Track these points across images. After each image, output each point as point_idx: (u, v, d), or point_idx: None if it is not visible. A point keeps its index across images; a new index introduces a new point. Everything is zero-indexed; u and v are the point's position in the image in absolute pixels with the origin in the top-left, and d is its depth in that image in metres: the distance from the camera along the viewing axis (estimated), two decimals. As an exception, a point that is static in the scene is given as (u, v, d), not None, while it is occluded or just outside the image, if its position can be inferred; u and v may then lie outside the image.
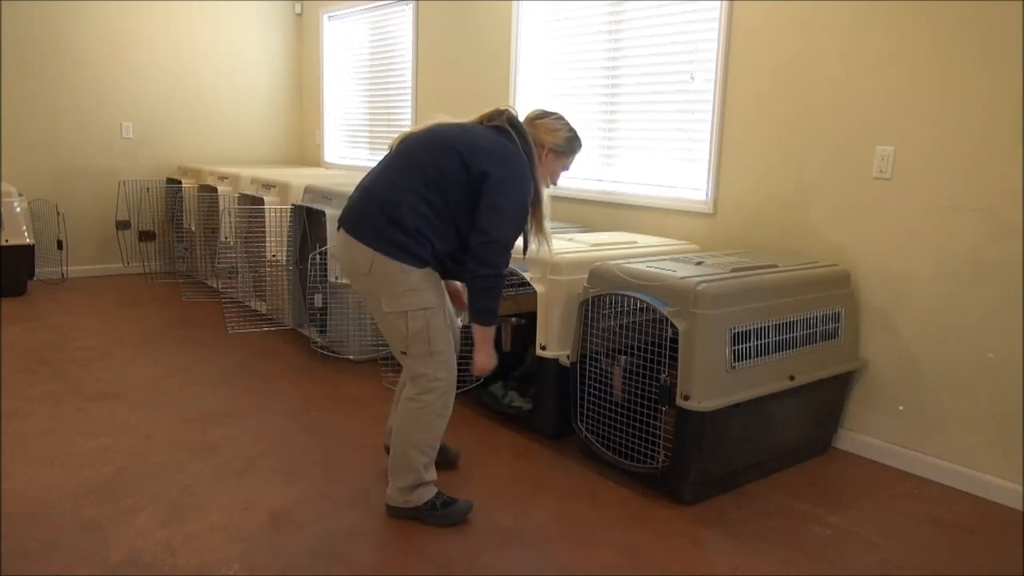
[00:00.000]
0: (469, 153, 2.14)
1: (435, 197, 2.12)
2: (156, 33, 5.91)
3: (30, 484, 2.52)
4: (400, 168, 2.17)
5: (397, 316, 2.18)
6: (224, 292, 5.19)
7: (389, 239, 2.11)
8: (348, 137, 6.26)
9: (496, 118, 2.27)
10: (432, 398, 2.27)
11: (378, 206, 2.13)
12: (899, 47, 2.82)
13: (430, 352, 2.23)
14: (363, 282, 2.20)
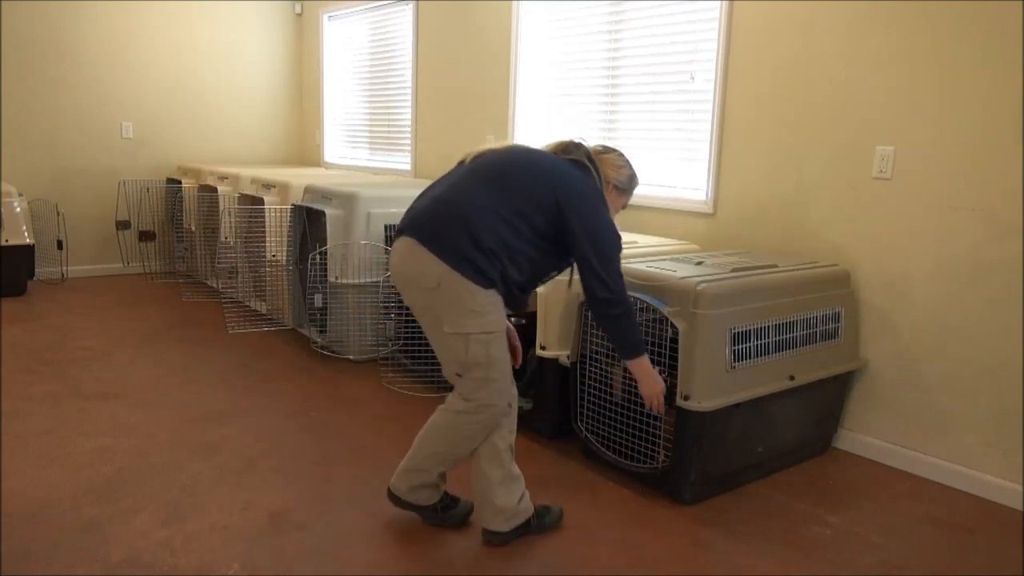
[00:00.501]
0: (563, 189, 2.04)
1: (518, 222, 2.02)
2: (156, 33, 5.91)
3: (30, 484, 2.52)
4: (484, 186, 2.05)
5: (458, 338, 2.04)
6: (224, 292, 5.19)
7: (464, 256, 1.98)
8: (348, 137, 6.26)
9: (574, 151, 2.19)
10: (477, 420, 2.14)
11: (458, 220, 2.00)
12: (899, 47, 2.82)
13: (487, 378, 2.10)
14: (425, 296, 2.05)
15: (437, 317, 2.06)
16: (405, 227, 2.09)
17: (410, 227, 2.07)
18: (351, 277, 3.86)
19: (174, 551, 2.16)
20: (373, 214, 3.89)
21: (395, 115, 5.64)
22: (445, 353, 2.12)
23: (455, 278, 1.98)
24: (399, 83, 5.54)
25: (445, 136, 5.09)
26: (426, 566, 2.14)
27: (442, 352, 2.13)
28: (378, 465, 2.77)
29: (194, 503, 2.44)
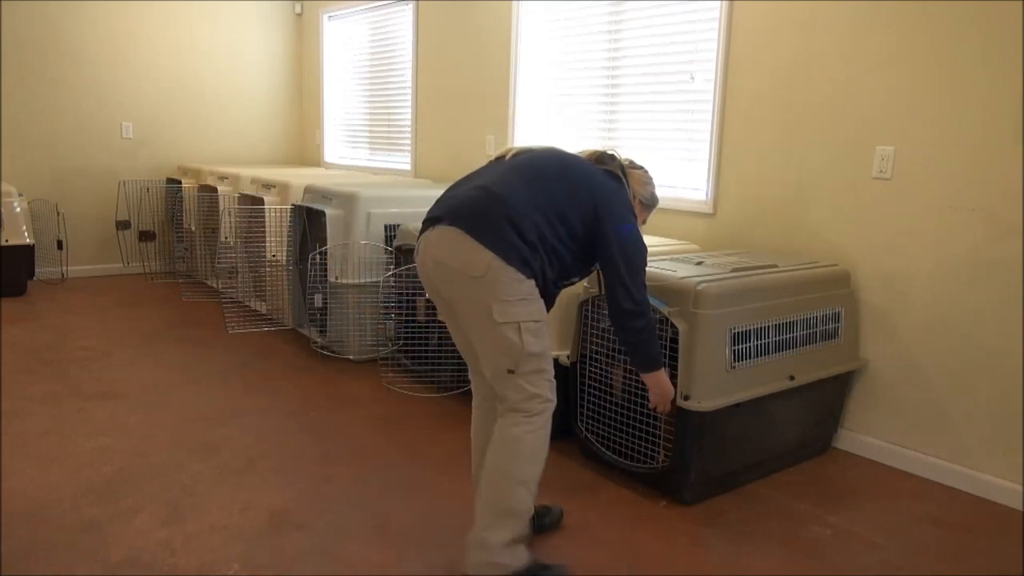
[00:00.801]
0: (601, 197, 2.03)
1: (557, 223, 1.98)
2: (156, 33, 5.91)
3: (30, 484, 2.52)
4: (527, 183, 2.00)
5: (511, 327, 1.93)
6: (224, 292, 5.19)
7: (510, 244, 1.91)
8: (348, 137, 6.26)
9: (608, 162, 2.16)
10: (542, 421, 2.01)
11: (503, 210, 1.93)
12: (899, 47, 2.82)
13: (541, 370, 2.00)
14: (470, 287, 1.94)
15: (486, 308, 1.93)
16: (443, 216, 2.00)
17: (450, 216, 1.98)
18: (351, 277, 3.86)
19: (174, 551, 2.16)
20: (373, 214, 3.89)
21: (395, 115, 5.64)
22: (496, 347, 1.97)
23: (502, 267, 1.91)
24: (399, 83, 5.54)
25: (445, 136, 5.09)
26: (426, 566, 2.14)
27: (491, 347, 1.97)
28: (378, 465, 2.77)
29: (194, 503, 2.44)
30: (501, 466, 1.98)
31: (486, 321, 1.94)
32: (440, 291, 2.03)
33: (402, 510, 2.45)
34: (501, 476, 1.97)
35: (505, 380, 1.99)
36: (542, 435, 2.01)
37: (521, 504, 1.96)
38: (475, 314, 1.96)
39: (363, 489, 2.58)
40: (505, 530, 1.96)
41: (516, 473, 1.96)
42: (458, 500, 2.53)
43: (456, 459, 2.84)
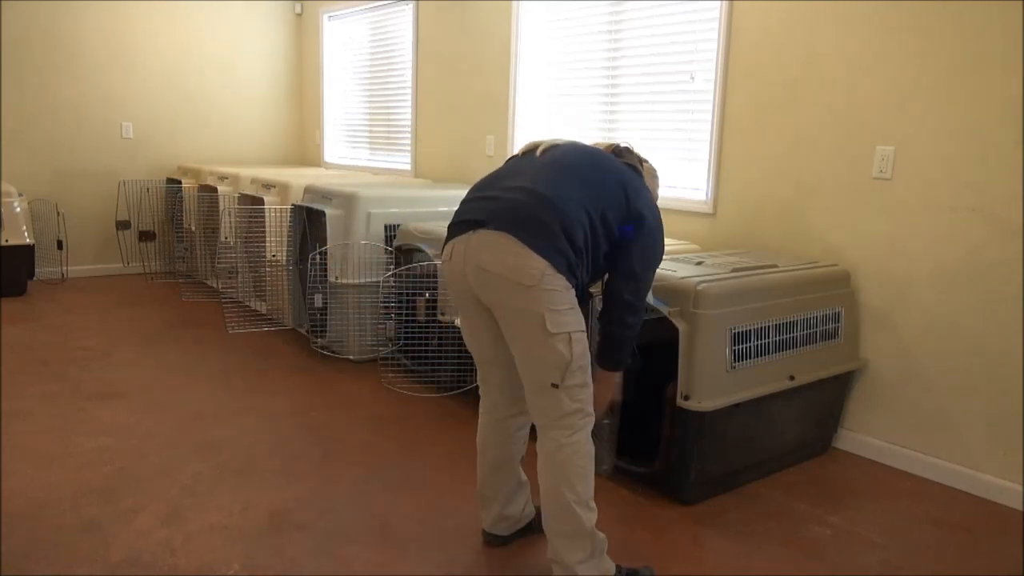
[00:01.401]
0: (632, 190, 1.96)
1: (599, 222, 1.90)
2: (156, 33, 5.91)
3: (30, 484, 2.52)
4: (570, 180, 1.91)
5: (561, 338, 1.84)
6: (224, 292, 5.19)
7: (561, 251, 1.83)
8: (348, 137, 6.26)
9: (626, 155, 2.10)
10: (583, 436, 1.93)
11: (554, 214, 1.84)
12: (899, 47, 2.82)
13: (585, 383, 1.92)
14: (517, 296, 1.83)
15: (537, 318, 1.83)
16: (487, 219, 1.88)
17: (496, 219, 1.86)
18: (351, 277, 3.86)
19: (174, 551, 2.16)
20: (373, 214, 3.89)
21: (395, 115, 5.64)
22: (544, 359, 1.87)
23: (555, 275, 1.82)
24: (399, 83, 5.54)
25: (445, 136, 5.09)
26: (426, 566, 2.14)
27: (539, 359, 1.88)
28: (378, 465, 2.77)
29: (194, 503, 2.44)
30: (556, 491, 1.92)
31: (537, 332, 1.84)
32: (480, 297, 1.93)
33: (402, 510, 2.45)
34: (559, 502, 1.91)
35: (546, 394, 1.90)
36: (587, 451, 1.93)
37: (586, 522, 1.92)
38: (524, 324, 1.86)
39: (363, 489, 2.58)
40: (580, 549, 1.93)
41: (572, 495, 1.91)
42: (458, 500, 2.53)
43: (456, 459, 2.84)
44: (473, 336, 2.08)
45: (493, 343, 2.04)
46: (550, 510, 1.94)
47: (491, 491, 2.19)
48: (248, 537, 2.25)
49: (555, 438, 1.92)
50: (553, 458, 1.92)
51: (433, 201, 4.16)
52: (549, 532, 1.96)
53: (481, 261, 1.87)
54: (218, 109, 6.31)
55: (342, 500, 2.50)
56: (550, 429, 1.93)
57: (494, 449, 2.16)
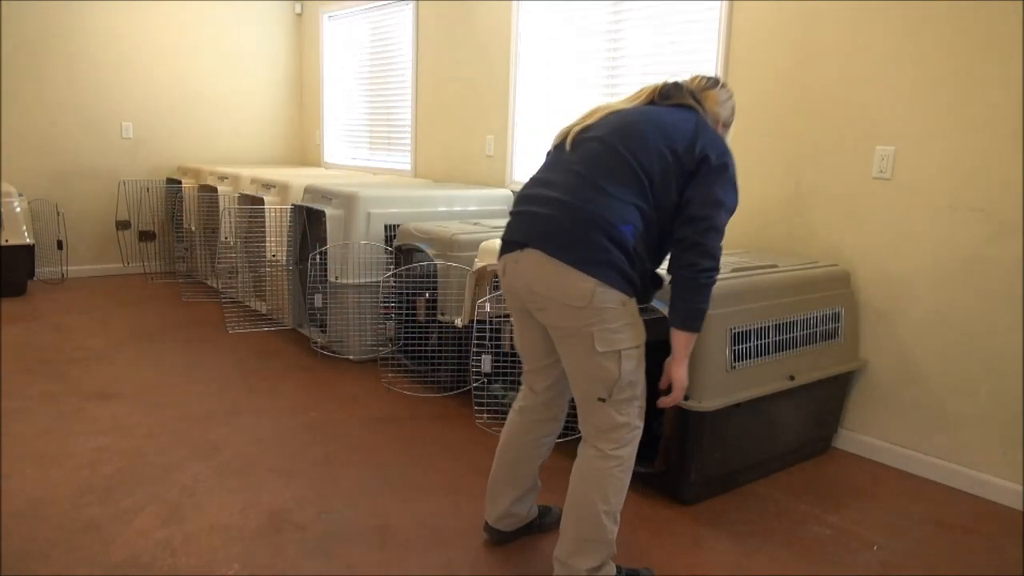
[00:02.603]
0: (682, 142, 1.80)
1: (648, 207, 1.79)
2: (156, 33, 5.91)
3: (30, 484, 2.52)
4: (607, 174, 1.78)
5: (611, 356, 1.79)
6: (224, 292, 5.19)
7: (611, 264, 1.74)
8: (348, 137, 6.26)
9: (675, 94, 1.92)
10: (629, 452, 1.90)
11: (596, 224, 1.74)
12: (899, 47, 2.82)
13: (634, 397, 1.87)
14: (568, 316, 1.78)
15: (587, 337, 1.78)
16: (525, 239, 1.82)
17: (533, 238, 1.80)
18: (351, 277, 3.86)
19: (174, 551, 2.16)
20: (373, 214, 3.89)
21: (395, 115, 5.64)
22: (591, 376, 1.84)
23: (607, 292, 1.75)
24: (399, 83, 5.54)
25: (445, 136, 5.09)
26: (426, 566, 2.14)
27: (587, 374, 1.85)
28: (378, 465, 2.77)
29: (194, 503, 2.44)
30: (588, 499, 1.90)
31: (586, 349, 1.81)
32: (534, 315, 1.89)
33: (402, 510, 2.45)
34: (588, 509, 1.90)
35: (594, 408, 1.87)
36: (628, 465, 1.91)
37: (608, 533, 1.91)
38: (573, 341, 1.82)
39: (363, 489, 2.58)
40: (593, 557, 1.92)
41: (604, 505, 1.89)
42: (458, 500, 2.53)
43: (456, 459, 2.84)
44: (525, 346, 2.07)
45: (544, 354, 2.03)
46: (576, 513, 1.92)
47: (504, 487, 2.18)
48: (248, 537, 2.25)
49: (600, 448, 1.90)
50: (592, 465, 1.90)
51: (433, 201, 4.16)
52: (566, 533, 1.95)
53: (529, 282, 1.83)
54: (218, 109, 6.31)
55: (342, 500, 2.50)
56: (596, 440, 1.91)
57: (518, 449, 2.15)
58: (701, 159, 1.81)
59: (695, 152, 1.81)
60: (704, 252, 1.79)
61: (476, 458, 2.86)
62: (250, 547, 2.20)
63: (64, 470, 2.63)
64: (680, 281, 1.83)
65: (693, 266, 1.79)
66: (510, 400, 3.25)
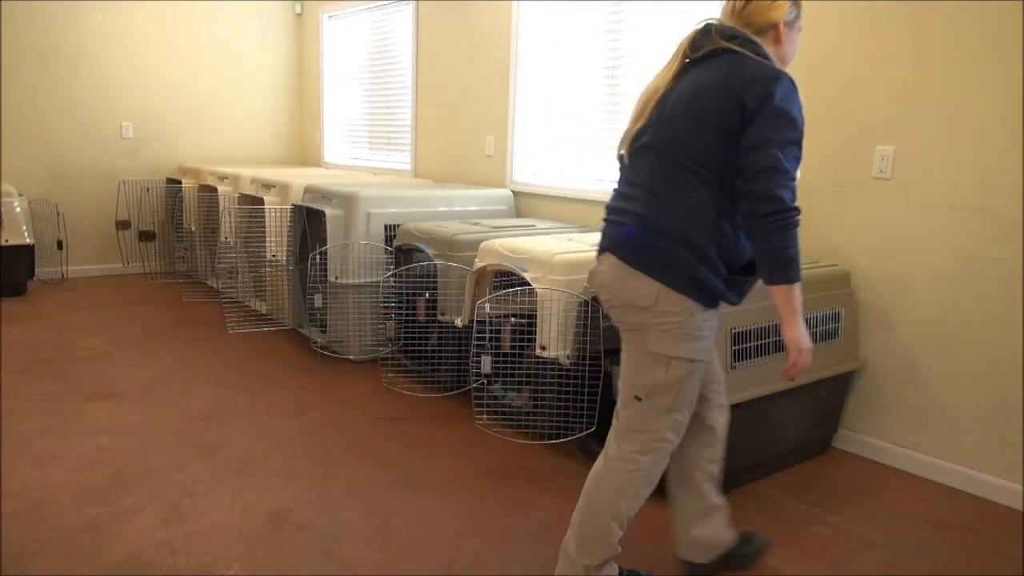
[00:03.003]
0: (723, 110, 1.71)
1: (720, 192, 1.75)
2: (156, 33, 5.91)
3: (30, 484, 2.52)
4: (668, 183, 1.78)
5: (659, 359, 1.80)
6: (224, 292, 5.19)
7: (679, 268, 1.75)
8: (348, 137, 6.26)
9: (704, 43, 1.81)
10: (650, 460, 1.88)
11: (664, 232, 1.76)
12: (899, 47, 2.82)
13: (670, 408, 1.85)
14: (638, 314, 1.81)
15: (643, 332, 1.81)
16: (606, 245, 1.88)
17: (611, 246, 1.86)
18: (351, 277, 3.86)
19: (174, 551, 2.16)
20: (373, 214, 3.89)
21: (395, 115, 5.64)
22: (636, 372, 1.86)
23: (672, 296, 1.76)
24: (399, 83, 5.54)
25: (445, 136, 5.10)
26: (426, 566, 2.14)
27: (633, 370, 1.87)
28: (378, 465, 2.77)
29: (194, 503, 2.44)
30: (599, 498, 1.90)
31: (640, 346, 1.83)
32: (614, 314, 1.91)
33: (402, 510, 2.45)
34: (596, 509, 1.90)
35: (630, 404, 1.88)
36: (648, 475, 1.89)
37: (611, 536, 1.90)
38: (633, 337, 1.86)
39: (363, 489, 2.58)
40: (595, 556, 1.91)
41: (612, 508, 1.89)
42: (458, 500, 2.53)
43: (456, 459, 2.84)
44: None
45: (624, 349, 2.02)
46: (584, 510, 1.92)
47: (676, 510, 2.10)
48: (248, 537, 2.25)
49: (623, 447, 1.89)
50: (611, 465, 1.90)
51: (433, 201, 4.17)
52: (574, 525, 1.94)
53: (605, 283, 1.88)
54: (218, 109, 6.31)
55: (342, 500, 2.50)
56: (622, 437, 1.90)
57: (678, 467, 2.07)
58: (743, 110, 1.71)
59: (734, 109, 1.71)
60: (759, 197, 1.69)
61: (476, 458, 2.86)
62: (250, 547, 2.20)
63: (64, 470, 2.63)
64: (750, 236, 1.75)
65: (752, 215, 1.70)
66: (510, 400, 3.25)
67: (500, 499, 2.55)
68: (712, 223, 1.74)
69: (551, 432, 2.99)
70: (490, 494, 2.58)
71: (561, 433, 2.97)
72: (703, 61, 1.81)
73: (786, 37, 1.90)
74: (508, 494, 2.58)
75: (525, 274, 2.99)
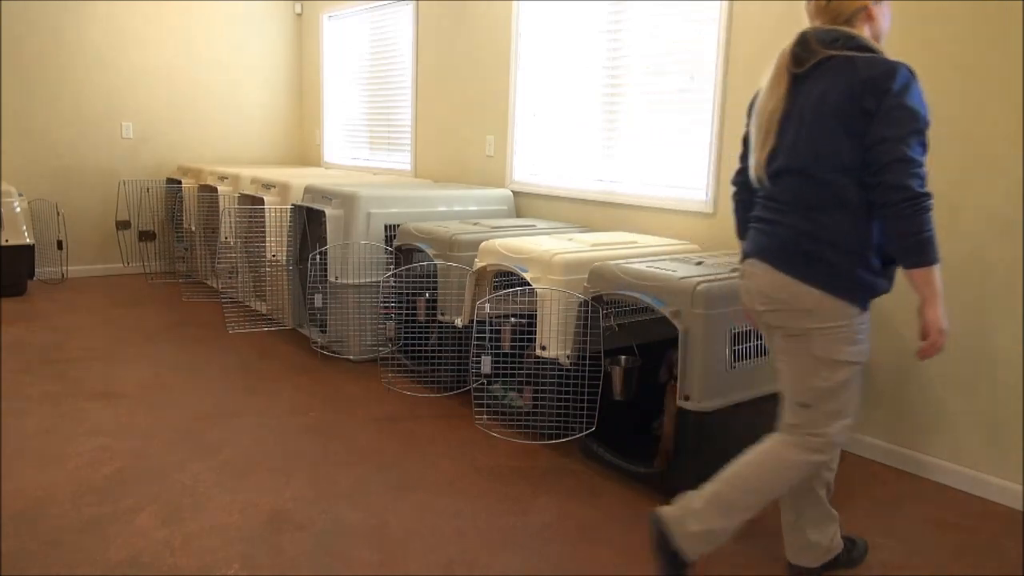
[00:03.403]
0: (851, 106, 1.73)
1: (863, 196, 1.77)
2: (156, 33, 5.92)
3: (30, 484, 2.52)
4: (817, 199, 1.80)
5: (823, 362, 1.82)
6: (224, 292, 5.19)
7: (840, 274, 1.78)
8: (348, 137, 6.26)
9: (806, 56, 1.84)
10: (818, 461, 1.89)
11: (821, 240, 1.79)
12: (898, 47, 2.82)
13: (840, 412, 1.86)
14: (801, 320, 1.83)
15: (810, 339, 1.83)
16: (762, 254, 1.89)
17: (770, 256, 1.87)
18: (351, 277, 3.86)
19: (174, 551, 2.16)
20: (373, 214, 3.89)
21: (395, 115, 5.64)
22: (801, 376, 1.87)
23: (833, 302, 1.79)
24: (399, 83, 5.54)
25: (445, 136, 5.10)
26: (426, 566, 2.14)
27: (797, 376, 1.88)
28: (378, 465, 2.77)
29: (194, 503, 2.44)
30: (748, 483, 1.91)
31: (805, 351, 1.85)
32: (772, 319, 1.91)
33: (402, 510, 2.45)
34: (741, 493, 1.91)
35: (795, 409, 1.90)
36: (802, 475, 1.91)
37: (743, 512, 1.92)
38: (797, 342, 1.86)
39: (363, 489, 2.58)
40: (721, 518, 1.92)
41: (754, 499, 1.91)
42: (458, 500, 2.53)
43: (456, 459, 2.84)
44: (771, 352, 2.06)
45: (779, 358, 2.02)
46: (728, 484, 1.92)
47: (793, 514, 2.08)
48: (248, 537, 2.25)
49: (787, 445, 1.90)
50: (773, 454, 1.91)
51: (433, 201, 4.17)
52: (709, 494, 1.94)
53: (762, 287, 1.89)
54: (218, 109, 6.31)
55: (342, 500, 2.50)
56: (788, 437, 1.91)
57: None
58: (866, 114, 1.73)
59: (858, 115, 1.73)
60: (889, 187, 1.70)
61: (476, 458, 2.86)
62: (250, 547, 2.20)
63: (64, 470, 2.63)
64: (885, 225, 1.76)
65: (885, 205, 1.72)
66: (510, 400, 3.25)
67: (500, 499, 2.55)
68: (863, 224, 1.78)
69: (551, 432, 2.99)
70: (490, 494, 2.58)
71: (561, 433, 2.97)
72: (811, 74, 1.83)
73: (877, 12, 1.88)
74: (508, 494, 2.58)
75: (525, 274, 2.99)
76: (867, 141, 1.73)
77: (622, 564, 2.18)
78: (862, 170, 1.75)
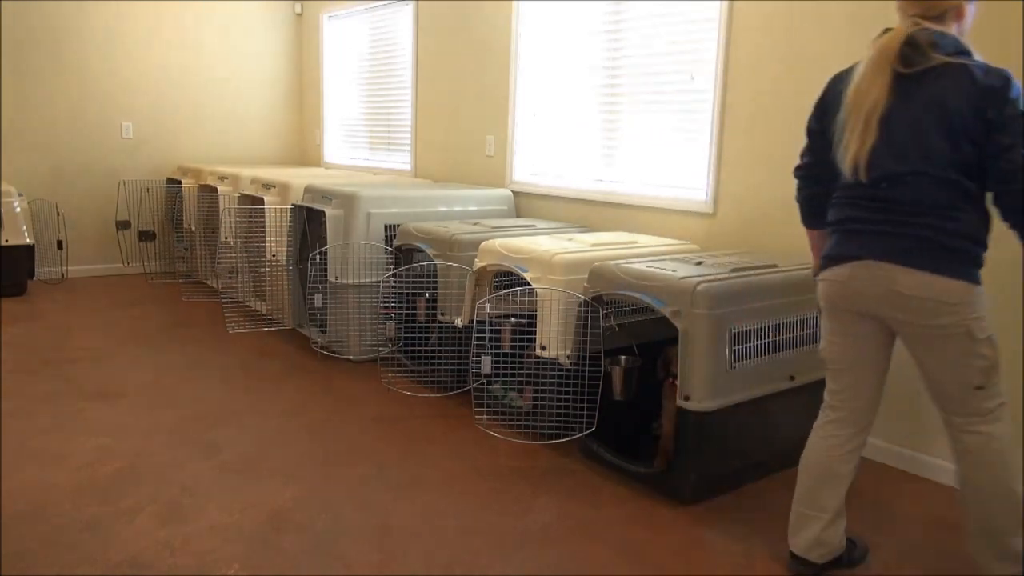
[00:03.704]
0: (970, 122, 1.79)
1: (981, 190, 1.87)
2: (156, 33, 5.92)
3: (30, 484, 2.52)
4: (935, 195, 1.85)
5: (985, 343, 1.89)
6: (224, 292, 5.19)
7: (969, 261, 1.87)
8: (348, 137, 6.26)
9: (916, 59, 1.84)
10: (1007, 428, 1.97)
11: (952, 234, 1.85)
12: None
13: (998, 380, 1.96)
14: (947, 315, 1.87)
15: (964, 330, 1.87)
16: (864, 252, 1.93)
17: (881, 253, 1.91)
18: (351, 277, 3.86)
19: (174, 551, 2.16)
20: (373, 214, 3.89)
21: (395, 115, 5.64)
22: (970, 364, 1.91)
23: (971, 288, 1.86)
24: (399, 83, 5.54)
25: (445, 136, 5.10)
26: (426, 566, 2.14)
27: (964, 366, 1.92)
28: (378, 465, 2.77)
29: (194, 503, 2.44)
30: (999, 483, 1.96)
31: (963, 341, 1.89)
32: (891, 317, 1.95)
33: (402, 510, 2.45)
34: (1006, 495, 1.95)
35: (968, 397, 1.95)
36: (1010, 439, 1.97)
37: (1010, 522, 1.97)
38: (948, 337, 1.89)
39: (363, 489, 2.58)
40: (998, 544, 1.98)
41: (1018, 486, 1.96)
42: (458, 500, 2.53)
43: (456, 459, 2.84)
44: (856, 355, 2.09)
45: (876, 361, 2.10)
46: (993, 506, 1.97)
47: (814, 508, 2.11)
48: (248, 537, 2.25)
49: (981, 431, 1.95)
50: (989, 447, 1.95)
51: (433, 201, 4.17)
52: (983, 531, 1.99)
53: (896, 285, 1.90)
54: (218, 109, 6.31)
55: (342, 500, 2.50)
56: (975, 424, 1.96)
57: (827, 464, 2.11)
58: (987, 123, 1.79)
59: (980, 125, 1.79)
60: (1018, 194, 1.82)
61: (476, 458, 2.86)
62: (250, 547, 2.20)
63: (64, 470, 2.63)
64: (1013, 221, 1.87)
65: (1016, 211, 1.84)
66: (510, 400, 3.25)
67: (500, 499, 2.55)
68: (986, 217, 1.91)
69: (551, 432, 2.99)
70: (490, 494, 2.58)
71: (561, 433, 2.97)
72: (921, 78, 1.85)
73: (968, 10, 1.92)
74: (508, 494, 2.58)
75: (525, 274, 2.99)
76: (990, 149, 1.80)
77: (622, 564, 2.18)
78: (978, 172, 1.84)
